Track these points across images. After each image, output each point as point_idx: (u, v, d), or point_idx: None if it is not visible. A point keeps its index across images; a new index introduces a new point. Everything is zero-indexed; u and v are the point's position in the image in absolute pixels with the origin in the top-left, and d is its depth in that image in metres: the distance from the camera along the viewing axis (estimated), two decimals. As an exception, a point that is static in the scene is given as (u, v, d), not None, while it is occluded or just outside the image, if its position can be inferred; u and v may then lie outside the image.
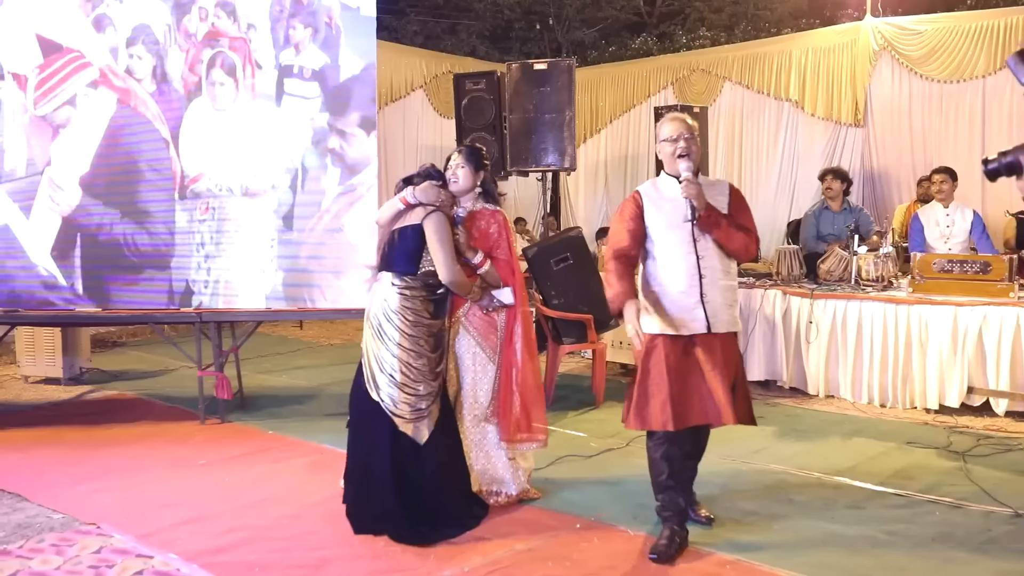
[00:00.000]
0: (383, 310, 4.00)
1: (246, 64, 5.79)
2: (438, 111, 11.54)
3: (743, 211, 3.68)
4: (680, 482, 3.70)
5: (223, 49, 5.81)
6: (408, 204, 4.07)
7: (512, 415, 4.14)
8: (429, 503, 3.93)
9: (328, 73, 5.74)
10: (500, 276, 4.16)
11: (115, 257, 5.90)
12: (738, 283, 3.92)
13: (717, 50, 11.91)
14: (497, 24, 14.55)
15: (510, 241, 4.26)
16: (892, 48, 10.02)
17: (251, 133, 5.82)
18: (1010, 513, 4.03)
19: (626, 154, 12.14)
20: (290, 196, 5.79)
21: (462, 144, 4.28)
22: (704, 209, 3.53)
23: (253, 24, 5.81)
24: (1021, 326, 5.50)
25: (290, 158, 5.80)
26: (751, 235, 3.64)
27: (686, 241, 3.58)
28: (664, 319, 3.58)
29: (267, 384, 6.94)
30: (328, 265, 5.75)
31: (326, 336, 9.13)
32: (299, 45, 5.76)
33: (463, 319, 4.18)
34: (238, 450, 5.20)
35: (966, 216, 6.58)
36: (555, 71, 7.75)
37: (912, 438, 5.25)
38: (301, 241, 5.78)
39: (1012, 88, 9.38)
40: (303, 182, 5.78)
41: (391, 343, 3.96)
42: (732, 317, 3.65)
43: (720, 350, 3.59)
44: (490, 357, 4.16)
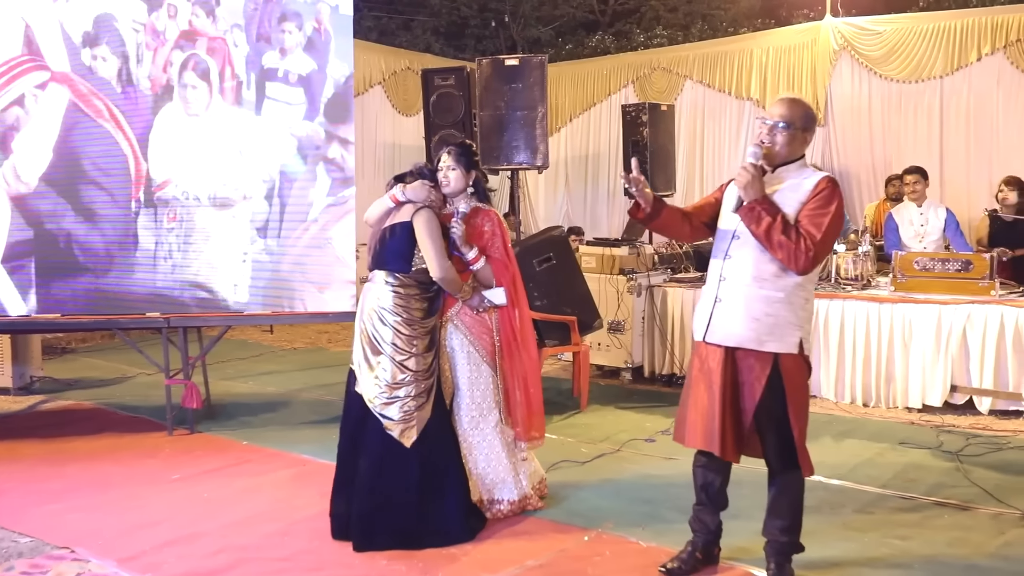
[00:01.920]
0: (376, 309, 3.86)
1: (224, 66, 5.50)
2: (397, 108, 11.30)
3: (817, 214, 3.11)
4: (713, 501, 3.45)
5: (196, 52, 5.50)
6: (398, 202, 3.95)
7: (523, 414, 4.04)
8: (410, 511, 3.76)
9: (315, 78, 5.51)
10: (494, 275, 4.01)
11: (70, 264, 5.54)
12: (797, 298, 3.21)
13: (677, 48, 11.88)
14: (453, 21, 14.34)
15: (505, 240, 4.12)
16: (852, 48, 10.10)
17: (227, 139, 5.54)
18: (1018, 515, 4.00)
19: (587, 153, 12.04)
20: (268, 206, 5.53)
21: (450, 142, 4.10)
22: (750, 201, 3.11)
23: (235, 24, 5.53)
24: (1005, 324, 5.52)
25: (270, 166, 5.54)
26: (802, 243, 3.06)
27: (727, 236, 3.26)
28: (695, 319, 3.42)
29: (234, 391, 6.64)
30: (313, 278, 5.52)
31: (288, 340, 8.82)
32: (285, 49, 5.50)
33: (454, 319, 4.03)
34: (213, 463, 4.93)
35: (939, 215, 6.62)
36: (527, 67, 7.58)
37: (903, 438, 5.22)
38: (283, 252, 5.54)
39: (969, 88, 9.54)
40: (286, 192, 5.53)
41: (385, 343, 3.82)
42: (754, 333, 3.15)
43: (726, 366, 3.19)
44: (483, 358, 4.01)
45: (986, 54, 9.40)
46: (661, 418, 5.72)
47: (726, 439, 3.17)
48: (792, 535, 3.30)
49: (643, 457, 4.97)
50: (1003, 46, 9.30)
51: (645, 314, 6.65)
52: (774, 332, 3.17)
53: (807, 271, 3.16)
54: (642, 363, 6.75)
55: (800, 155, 3.29)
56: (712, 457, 3.37)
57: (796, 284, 3.20)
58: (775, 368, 3.17)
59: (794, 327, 3.20)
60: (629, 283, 6.63)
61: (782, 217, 3.12)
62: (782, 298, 3.18)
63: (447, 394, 4.00)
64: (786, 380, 3.18)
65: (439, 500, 3.81)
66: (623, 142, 9.07)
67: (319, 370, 7.42)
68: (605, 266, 6.77)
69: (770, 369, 3.17)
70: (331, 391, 6.59)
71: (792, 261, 3.10)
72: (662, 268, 7.03)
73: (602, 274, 6.74)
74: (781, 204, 3.17)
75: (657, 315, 6.60)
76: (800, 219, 3.15)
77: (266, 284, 5.55)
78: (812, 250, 3.09)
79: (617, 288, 6.66)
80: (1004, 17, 9.41)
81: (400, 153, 11.22)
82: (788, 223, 3.12)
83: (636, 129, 8.87)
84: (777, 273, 3.17)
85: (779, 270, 3.16)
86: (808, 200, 3.17)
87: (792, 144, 3.24)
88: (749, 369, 3.19)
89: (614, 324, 6.57)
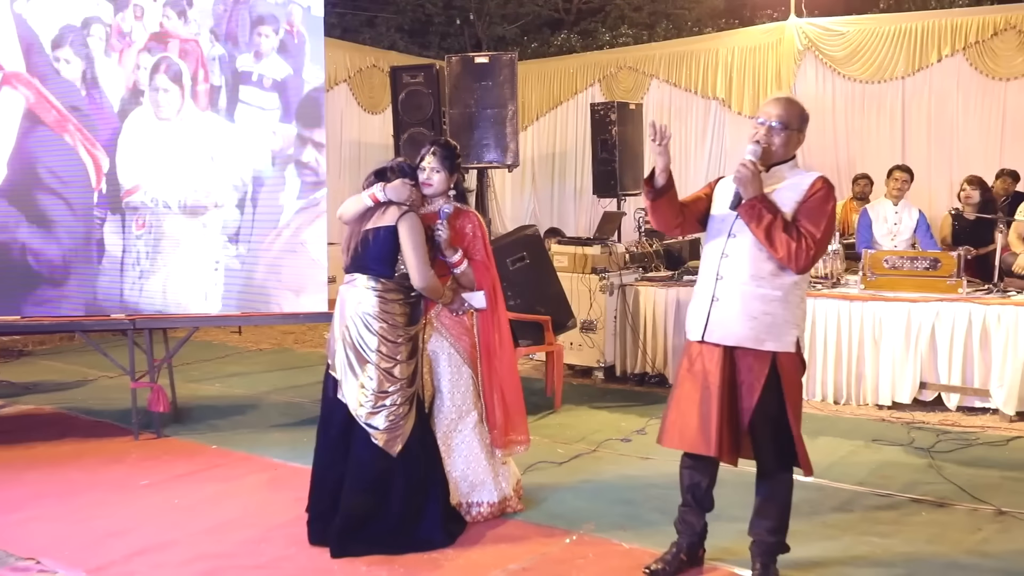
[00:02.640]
0: (361, 315, 3.76)
1: (197, 70, 5.37)
2: (363, 106, 11.18)
3: (815, 213, 3.12)
4: (699, 503, 3.43)
5: (168, 54, 5.36)
6: (378, 202, 3.82)
7: (500, 419, 3.98)
8: (391, 519, 3.70)
9: (290, 83, 5.41)
10: (476, 278, 3.95)
11: (28, 273, 5.38)
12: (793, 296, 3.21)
13: (644, 48, 11.92)
14: (417, 18, 14.22)
15: (486, 242, 4.06)
16: (816, 48, 10.20)
17: (198, 145, 5.41)
18: (993, 511, 4.04)
19: (553, 151, 12.03)
20: (239, 212, 5.42)
21: (435, 142, 4.01)
22: (750, 199, 3.10)
23: (207, 26, 5.39)
24: (972, 322, 5.59)
25: (243, 172, 5.43)
26: (803, 242, 3.06)
27: (722, 234, 3.22)
28: (687, 319, 3.37)
29: (200, 394, 6.50)
30: (287, 282, 5.42)
31: (254, 341, 8.67)
32: (260, 53, 5.39)
33: (434, 320, 3.97)
34: (182, 468, 4.81)
35: (912, 214, 6.70)
36: (496, 65, 7.55)
37: (875, 435, 5.26)
38: (255, 259, 5.42)
39: (930, 89, 9.69)
40: (258, 197, 5.42)
41: (371, 351, 3.73)
42: (752, 332, 3.13)
43: (725, 367, 3.15)
44: (464, 359, 3.95)
45: (946, 55, 9.56)
46: (636, 418, 5.71)
47: (723, 441, 3.14)
48: (779, 535, 3.29)
49: (620, 457, 4.95)
50: (962, 48, 9.46)
51: (617, 313, 6.64)
52: (772, 331, 3.15)
53: (806, 270, 3.17)
54: (614, 362, 6.73)
55: (793, 155, 3.29)
56: (699, 458, 3.35)
57: (793, 283, 3.19)
58: (773, 367, 3.16)
59: (791, 325, 3.20)
60: (601, 282, 6.61)
61: (782, 216, 3.12)
62: (780, 297, 3.17)
63: (426, 398, 3.94)
64: (784, 379, 3.17)
65: (421, 506, 3.75)
66: (592, 140, 9.08)
67: (287, 371, 7.30)
68: (577, 265, 6.75)
69: (768, 368, 3.15)
70: (301, 393, 6.49)
71: (793, 260, 3.09)
72: (633, 267, 7.02)
73: (574, 273, 6.71)
74: (779, 203, 3.16)
75: (629, 314, 6.59)
76: (798, 218, 3.14)
77: (239, 291, 5.43)
78: (813, 249, 3.11)
79: (589, 287, 6.64)
80: (963, 19, 9.58)
81: (366, 151, 11.10)
82: (788, 222, 3.12)
83: (605, 128, 8.88)
84: (775, 272, 3.16)
85: (777, 269, 3.16)
86: (805, 199, 3.16)
87: (788, 144, 3.23)
88: (748, 369, 3.17)
89: (586, 323, 6.54)
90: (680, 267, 7.04)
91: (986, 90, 9.40)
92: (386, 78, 11.29)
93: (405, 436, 3.73)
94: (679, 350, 6.50)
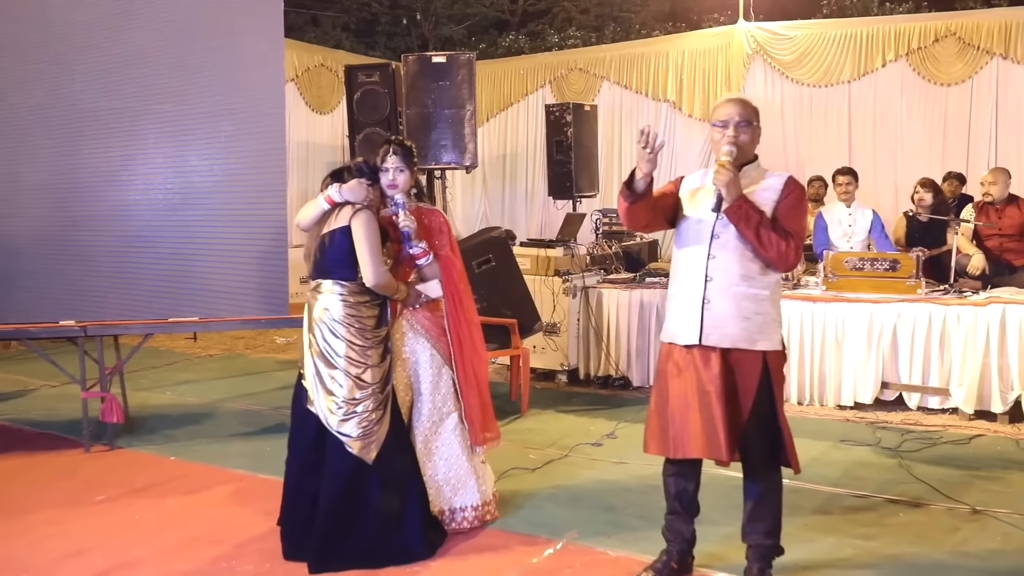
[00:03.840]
0: (327, 321, 3.64)
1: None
2: (311, 106, 10.95)
3: (793, 213, 3.15)
4: (687, 509, 3.37)
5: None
6: (334, 203, 3.71)
7: (477, 416, 3.89)
8: (370, 531, 3.57)
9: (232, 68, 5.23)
10: (442, 272, 3.85)
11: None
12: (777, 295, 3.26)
13: (594, 49, 11.93)
14: (363, 17, 14.02)
15: (451, 237, 3.98)
16: (764, 52, 10.33)
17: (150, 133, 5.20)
18: (968, 510, 4.08)
19: (505, 153, 11.96)
20: (194, 210, 5.22)
21: (393, 141, 3.90)
22: (735, 200, 3.08)
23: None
24: (932, 322, 5.68)
25: (193, 163, 5.23)
26: (791, 241, 3.08)
27: (704, 236, 3.17)
28: (670, 323, 3.30)
29: (151, 403, 6.25)
30: (243, 284, 5.23)
31: (203, 347, 8.40)
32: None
33: (412, 321, 3.85)
34: (140, 481, 4.59)
35: (866, 216, 6.78)
36: (454, 64, 7.46)
37: (842, 436, 5.29)
38: (210, 258, 5.22)
39: (875, 93, 9.89)
40: (213, 196, 5.22)
41: (339, 357, 3.61)
42: (746, 333, 3.12)
43: (722, 369, 3.11)
44: (444, 359, 3.86)
45: (890, 60, 9.77)
46: (604, 421, 5.66)
47: (731, 445, 3.09)
48: (775, 538, 3.27)
49: (593, 462, 4.88)
50: (906, 53, 9.68)
51: (580, 316, 6.58)
52: (763, 331, 3.16)
53: (793, 268, 3.24)
54: (578, 365, 6.68)
55: (757, 154, 3.29)
56: (683, 463, 3.31)
57: (776, 281, 3.24)
58: (764, 366, 3.15)
59: (777, 324, 3.24)
60: (565, 284, 6.55)
61: (765, 215, 3.13)
62: (767, 296, 3.18)
63: (403, 402, 3.82)
64: (773, 377, 3.17)
65: (400, 516, 3.63)
66: (547, 142, 9.02)
67: (241, 378, 7.07)
68: (540, 267, 6.68)
69: (761, 368, 3.14)
70: (258, 400, 6.29)
71: (781, 258, 3.11)
72: (595, 269, 6.98)
73: (537, 275, 6.63)
74: (758, 204, 3.15)
75: (592, 316, 6.54)
76: (778, 218, 3.16)
77: (192, 292, 5.23)
78: (799, 247, 3.15)
79: (552, 289, 6.57)
80: (906, 26, 9.80)
81: (314, 152, 10.88)
82: (771, 221, 3.13)
83: (560, 129, 8.84)
84: (762, 271, 3.17)
85: (763, 268, 3.17)
86: (781, 199, 3.19)
87: (753, 141, 3.25)
88: (743, 370, 3.14)
89: (549, 326, 6.47)
90: (641, 269, 7.02)
91: (928, 95, 9.64)
92: (334, 77, 11.18)
93: (380, 442, 3.61)
94: (643, 353, 6.48)
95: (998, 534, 3.80)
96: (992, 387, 5.53)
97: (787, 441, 3.19)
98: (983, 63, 9.37)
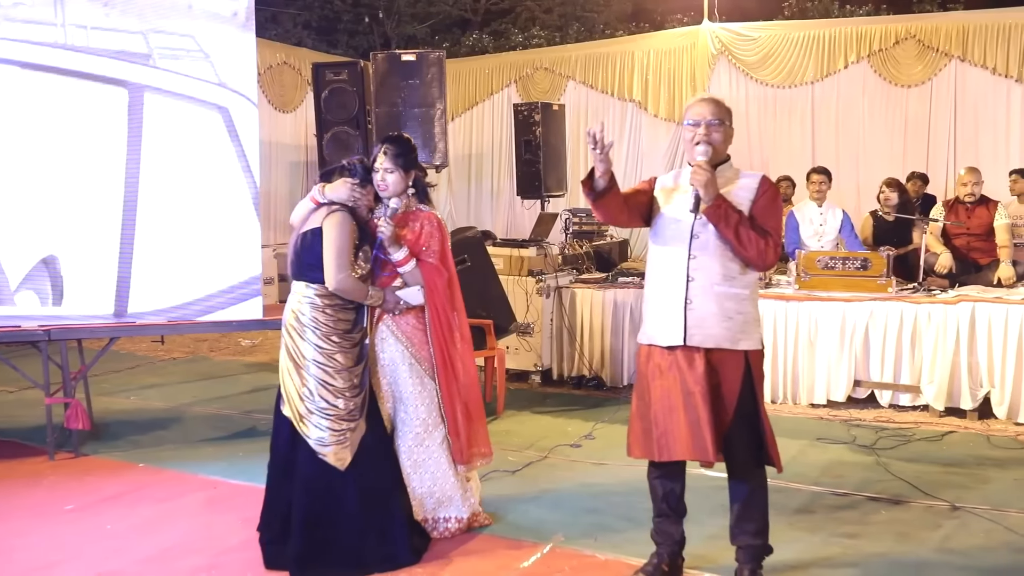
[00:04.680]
0: (295, 324, 3.58)
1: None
2: (273, 104, 10.77)
3: (769, 212, 3.18)
4: (675, 511, 3.35)
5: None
6: (318, 204, 3.64)
7: (463, 432, 3.78)
8: (350, 537, 3.50)
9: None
10: (425, 280, 3.76)
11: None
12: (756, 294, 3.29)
13: (560, 49, 11.92)
14: (324, 15, 13.85)
15: (444, 244, 3.86)
16: (729, 53, 10.41)
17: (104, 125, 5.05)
18: (948, 507, 4.12)
19: (470, 152, 11.90)
20: (161, 210, 5.08)
21: (387, 138, 3.81)
22: (713, 200, 3.09)
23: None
24: (904, 321, 5.74)
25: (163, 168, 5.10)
26: (769, 240, 3.11)
27: (683, 237, 3.17)
28: (650, 325, 3.27)
29: (116, 408, 6.07)
30: (215, 284, 5.10)
31: (165, 350, 8.20)
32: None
33: (392, 328, 3.76)
34: (109, 490, 4.45)
35: (836, 215, 6.84)
36: (424, 63, 7.37)
37: (818, 434, 5.32)
38: (179, 257, 5.09)
39: (838, 94, 10.02)
40: (182, 194, 5.09)
41: (306, 359, 3.54)
42: (728, 332, 3.12)
43: (706, 370, 3.10)
44: (426, 370, 3.76)
45: (852, 62, 9.91)
46: (581, 422, 5.63)
47: (716, 445, 3.07)
48: (764, 537, 3.26)
49: (573, 463, 4.84)
50: (867, 55, 9.82)
51: (553, 316, 6.55)
52: (745, 330, 3.18)
53: (772, 266, 3.31)
54: (551, 366, 6.64)
55: (729, 154, 3.31)
56: (668, 466, 3.29)
57: (755, 280, 3.28)
58: (747, 365, 3.15)
59: (757, 323, 3.26)
60: (538, 284, 6.51)
61: (744, 215, 3.15)
62: (748, 295, 3.21)
63: (384, 409, 3.74)
64: (755, 376, 3.18)
65: (383, 522, 3.56)
66: (515, 141, 8.97)
67: (206, 382, 6.91)
68: (514, 267, 6.63)
69: (744, 367, 3.14)
70: (227, 404, 6.16)
71: (761, 257, 3.13)
72: (567, 269, 6.95)
73: (511, 275, 6.58)
74: (735, 203, 3.17)
75: (566, 316, 6.51)
76: (755, 217, 3.18)
77: (160, 293, 5.09)
78: (777, 246, 3.17)
79: (526, 290, 6.52)
80: (867, 28, 9.94)
81: (277, 151, 10.70)
82: (752, 222, 3.15)
83: (528, 128, 8.78)
84: (741, 270, 3.19)
85: (742, 267, 3.18)
86: (757, 198, 3.22)
87: (726, 140, 3.26)
88: (726, 370, 3.14)
89: (523, 326, 6.42)
90: (612, 269, 7.01)
91: (889, 96, 9.79)
92: (297, 76, 11.04)
93: (354, 447, 3.54)
94: (616, 353, 6.46)
95: (980, 531, 3.84)
96: (962, 384, 5.60)
97: (770, 440, 3.19)
98: (942, 65, 9.54)
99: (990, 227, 6.67)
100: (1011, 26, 9.14)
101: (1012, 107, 9.24)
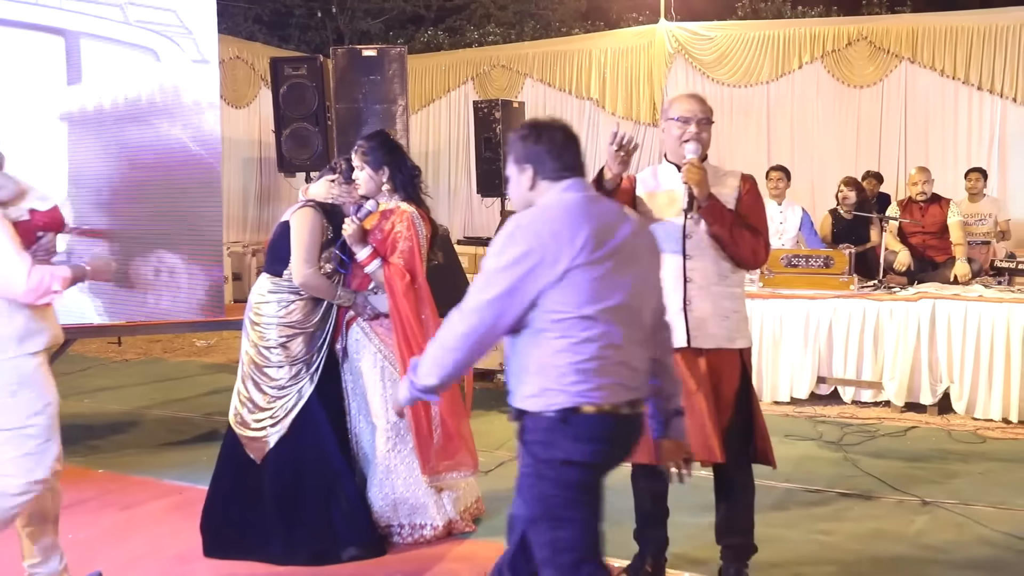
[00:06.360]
0: (249, 315, 3.63)
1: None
2: (226, 100, 10.51)
3: (755, 209, 3.17)
4: (660, 512, 3.32)
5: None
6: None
7: (432, 442, 3.68)
8: (275, 525, 3.55)
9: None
10: (387, 281, 3.67)
11: None
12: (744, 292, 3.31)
13: (517, 46, 11.87)
14: (276, 10, 13.60)
15: (414, 243, 3.77)
16: (686, 52, 10.46)
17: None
18: (918, 502, 4.17)
19: (427, 150, 11.78)
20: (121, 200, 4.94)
21: (363, 137, 3.77)
22: (707, 200, 3.05)
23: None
24: (866, 318, 5.82)
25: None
26: (760, 237, 3.12)
27: (675, 238, 3.09)
28: None
29: (70, 412, 5.70)
30: (177, 288, 4.97)
31: (117, 351, 7.97)
32: None
33: (366, 329, 3.69)
34: (69, 497, 4.13)
35: (796, 213, 6.92)
36: (385, 58, 7.28)
37: (785, 431, 5.36)
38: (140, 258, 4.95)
39: (792, 94, 10.14)
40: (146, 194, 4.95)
41: (243, 352, 3.63)
42: (726, 332, 3.11)
43: (707, 370, 3.07)
44: (400, 372, 3.68)
45: (806, 62, 10.02)
46: (550, 421, 5.59)
47: (721, 445, 3.04)
48: (749, 536, 3.26)
49: (545, 463, 4.80)
50: (821, 55, 9.95)
51: (519, 315, 6.50)
52: (740, 328, 3.18)
53: (763, 264, 3.22)
54: (516, 364, 6.59)
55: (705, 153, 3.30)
56: (651, 468, 3.25)
57: (744, 278, 3.31)
58: (742, 364, 3.16)
59: (747, 321, 3.28)
60: (504, 283, 6.45)
61: (736, 213, 3.14)
62: (740, 294, 3.22)
63: (354, 409, 3.71)
64: (749, 374, 3.21)
65: (330, 517, 3.59)
66: (475, 138, 8.91)
67: (163, 384, 6.73)
68: (477, 266, 6.55)
69: (739, 366, 3.14)
70: (187, 407, 6.01)
71: (754, 255, 3.14)
72: (531, 267, 6.91)
73: (474, 273, 6.51)
74: (722, 200, 3.15)
75: (531, 315, 6.47)
76: (743, 215, 3.16)
77: (118, 293, 4.94)
78: (766, 244, 3.19)
79: (491, 289, 6.47)
80: (821, 29, 10.07)
81: (230, 147, 10.44)
82: (743, 220, 3.13)
83: (488, 126, 8.73)
84: (734, 269, 3.18)
85: (734, 266, 3.17)
86: (742, 196, 3.21)
87: (710, 140, 3.25)
88: (724, 369, 3.12)
89: (488, 326, 6.36)
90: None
91: (842, 96, 9.93)
92: (251, 71, 10.83)
93: (281, 432, 3.56)
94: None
95: (951, 525, 3.90)
96: (922, 380, 5.71)
97: (765, 438, 3.20)
98: (892, 66, 9.71)
99: (944, 225, 6.80)
100: (959, 29, 9.33)
101: (960, 108, 9.43)
